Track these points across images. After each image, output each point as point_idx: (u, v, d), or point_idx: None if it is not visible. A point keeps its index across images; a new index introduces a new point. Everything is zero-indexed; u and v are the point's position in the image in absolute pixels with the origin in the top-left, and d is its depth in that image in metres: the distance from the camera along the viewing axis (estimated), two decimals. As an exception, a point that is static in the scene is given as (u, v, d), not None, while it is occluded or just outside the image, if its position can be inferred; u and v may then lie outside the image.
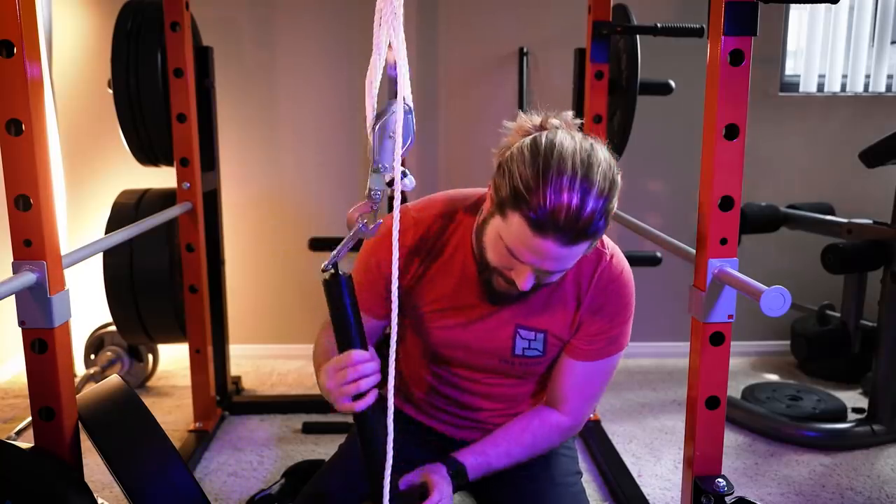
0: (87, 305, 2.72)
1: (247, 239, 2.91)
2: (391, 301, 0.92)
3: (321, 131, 2.87)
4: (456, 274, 1.25)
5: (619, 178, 1.07)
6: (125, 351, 2.61)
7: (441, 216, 1.27)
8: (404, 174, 0.96)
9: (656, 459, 2.17)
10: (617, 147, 2.28)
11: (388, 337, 1.02)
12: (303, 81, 2.85)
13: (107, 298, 2.24)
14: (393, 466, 0.97)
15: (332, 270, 1.05)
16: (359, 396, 1.05)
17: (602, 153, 1.06)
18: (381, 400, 1.02)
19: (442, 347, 1.30)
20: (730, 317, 1.25)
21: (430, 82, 2.81)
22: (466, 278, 1.25)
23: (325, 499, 1.27)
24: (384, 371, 1.02)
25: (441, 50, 2.82)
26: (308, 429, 2.31)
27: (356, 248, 1.13)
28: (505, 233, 1.08)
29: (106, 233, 2.16)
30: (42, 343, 1.24)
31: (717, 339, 1.25)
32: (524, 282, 1.10)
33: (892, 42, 2.92)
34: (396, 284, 0.92)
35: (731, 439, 2.27)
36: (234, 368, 2.63)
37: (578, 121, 1.14)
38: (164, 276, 2.24)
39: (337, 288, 1.05)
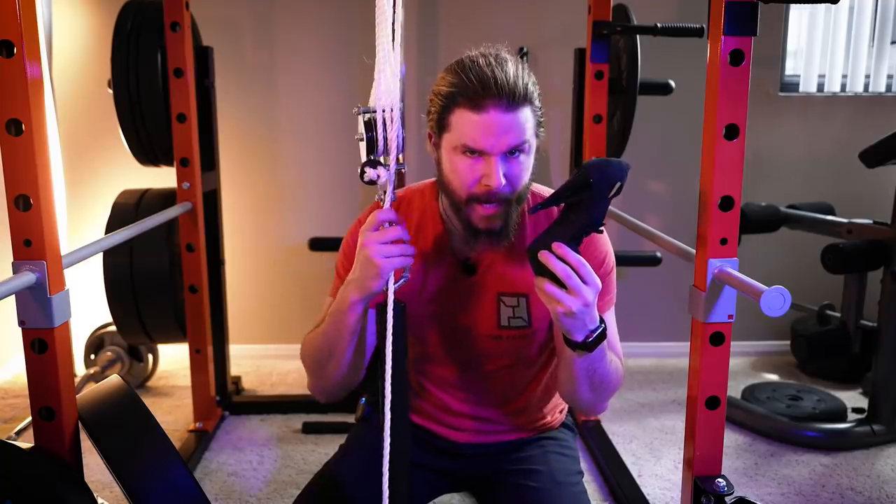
0: (87, 305, 2.72)
1: (247, 239, 2.91)
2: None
3: (321, 131, 2.87)
4: (429, 248, 1.27)
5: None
6: (125, 351, 2.61)
7: (402, 198, 1.32)
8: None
9: (656, 459, 2.17)
10: (617, 147, 2.29)
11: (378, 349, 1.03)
12: (303, 81, 2.85)
13: (107, 298, 2.24)
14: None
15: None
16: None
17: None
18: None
19: (430, 336, 1.30)
20: (730, 317, 1.25)
21: (430, 82, 2.82)
22: (440, 251, 1.27)
23: (331, 494, 1.27)
24: (379, 378, 1.02)
25: (441, 49, 2.83)
26: (308, 429, 2.31)
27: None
28: (455, 137, 1.13)
29: (106, 233, 2.16)
30: (42, 343, 1.24)
31: (717, 339, 1.25)
32: (496, 175, 1.12)
33: (892, 42, 2.92)
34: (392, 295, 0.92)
35: (731, 439, 2.27)
36: (234, 368, 2.63)
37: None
38: (164, 276, 2.24)
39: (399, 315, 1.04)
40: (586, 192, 1.04)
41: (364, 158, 1.05)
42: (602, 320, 1.10)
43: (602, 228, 1.09)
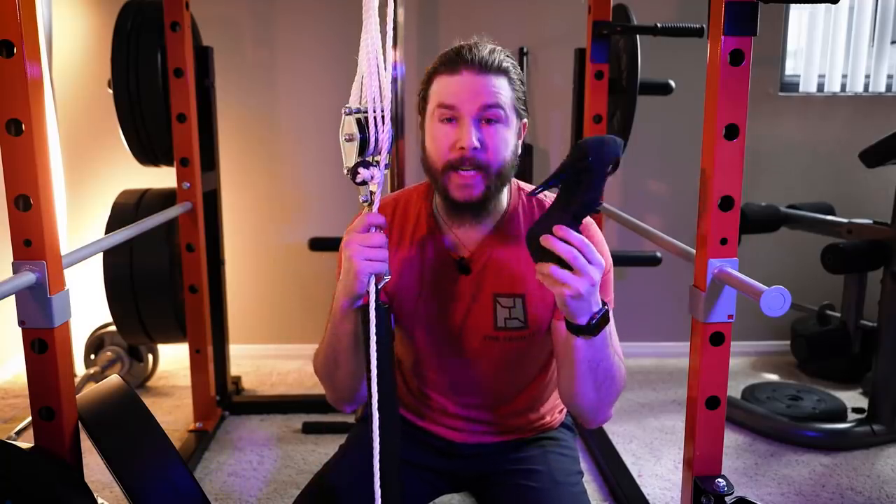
0: (87, 305, 2.72)
1: (247, 239, 2.91)
2: None
3: (321, 131, 2.87)
4: (424, 249, 1.28)
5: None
6: (125, 351, 2.61)
7: (394, 199, 1.33)
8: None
9: (656, 459, 2.17)
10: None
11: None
12: (303, 80, 2.85)
13: (107, 298, 2.24)
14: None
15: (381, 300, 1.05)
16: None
17: None
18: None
19: (427, 338, 1.29)
20: (730, 317, 1.25)
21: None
22: (435, 251, 1.27)
23: (330, 494, 1.27)
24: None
25: (441, 49, 2.82)
26: (308, 429, 2.31)
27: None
28: (433, 104, 1.18)
29: (106, 233, 2.16)
30: (42, 343, 1.24)
31: (717, 339, 1.25)
32: (468, 135, 1.14)
33: (892, 42, 2.92)
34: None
35: (731, 439, 2.27)
36: (234, 368, 2.64)
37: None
38: (164, 276, 2.24)
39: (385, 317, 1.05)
40: (584, 173, 1.03)
41: (349, 159, 1.06)
42: (604, 303, 1.10)
43: (599, 208, 1.09)
